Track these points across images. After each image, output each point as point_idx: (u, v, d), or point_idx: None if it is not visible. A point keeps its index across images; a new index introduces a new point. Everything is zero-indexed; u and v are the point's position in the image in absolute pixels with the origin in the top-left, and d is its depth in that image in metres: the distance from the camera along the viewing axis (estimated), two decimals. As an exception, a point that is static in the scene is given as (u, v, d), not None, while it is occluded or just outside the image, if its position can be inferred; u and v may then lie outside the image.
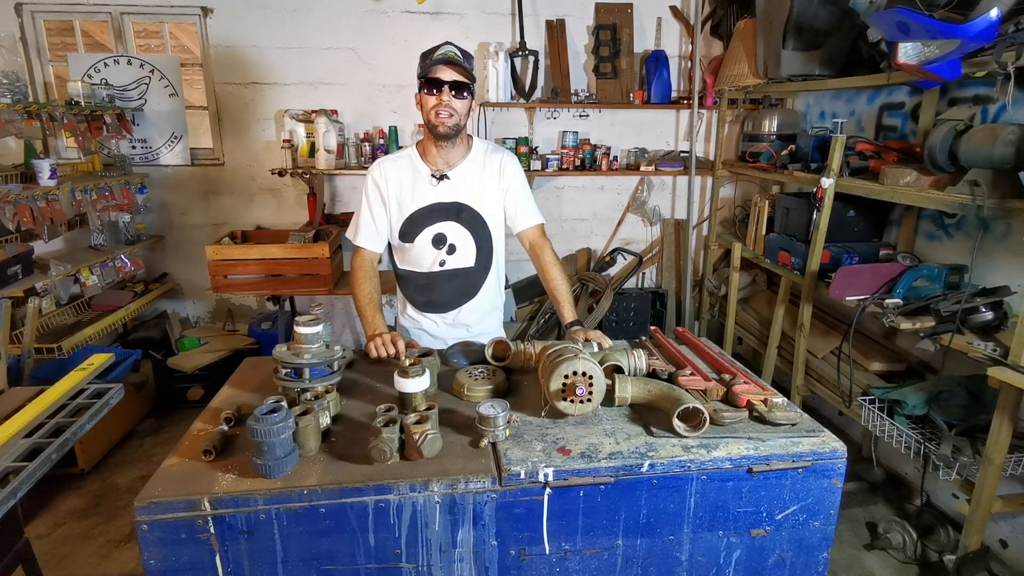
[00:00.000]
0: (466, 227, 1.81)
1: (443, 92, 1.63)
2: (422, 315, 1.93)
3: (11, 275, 2.69)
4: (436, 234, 1.80)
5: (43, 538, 2.43)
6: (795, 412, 1.32)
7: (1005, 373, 1.77)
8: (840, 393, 2.56)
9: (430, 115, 1.67)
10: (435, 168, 1.78)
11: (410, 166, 1.80)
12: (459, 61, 1.63)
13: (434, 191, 1.78)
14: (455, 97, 1.65)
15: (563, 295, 1.82)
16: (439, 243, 1.81)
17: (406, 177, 1.79)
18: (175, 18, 3.60)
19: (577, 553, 1.20)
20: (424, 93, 1.67)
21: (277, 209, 3.90)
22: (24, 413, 1.47)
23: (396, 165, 1.81)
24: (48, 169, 2.85)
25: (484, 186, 1.81)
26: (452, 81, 1.63)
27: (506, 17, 3.72)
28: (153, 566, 1.08)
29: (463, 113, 1.69)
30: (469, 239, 1.82)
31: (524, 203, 1.87)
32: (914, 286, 2.28)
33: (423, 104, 1.68)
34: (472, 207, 1.80)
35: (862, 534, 2.46)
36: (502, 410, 1.23)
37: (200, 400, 3.44)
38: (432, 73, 1.63)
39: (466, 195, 1.79)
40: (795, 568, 1.29)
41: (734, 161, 3.73)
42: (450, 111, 1.65)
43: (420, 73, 1.66)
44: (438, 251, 1.82)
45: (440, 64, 1.62)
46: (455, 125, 1.68)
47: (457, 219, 1.80)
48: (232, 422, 1.30)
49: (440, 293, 1.88)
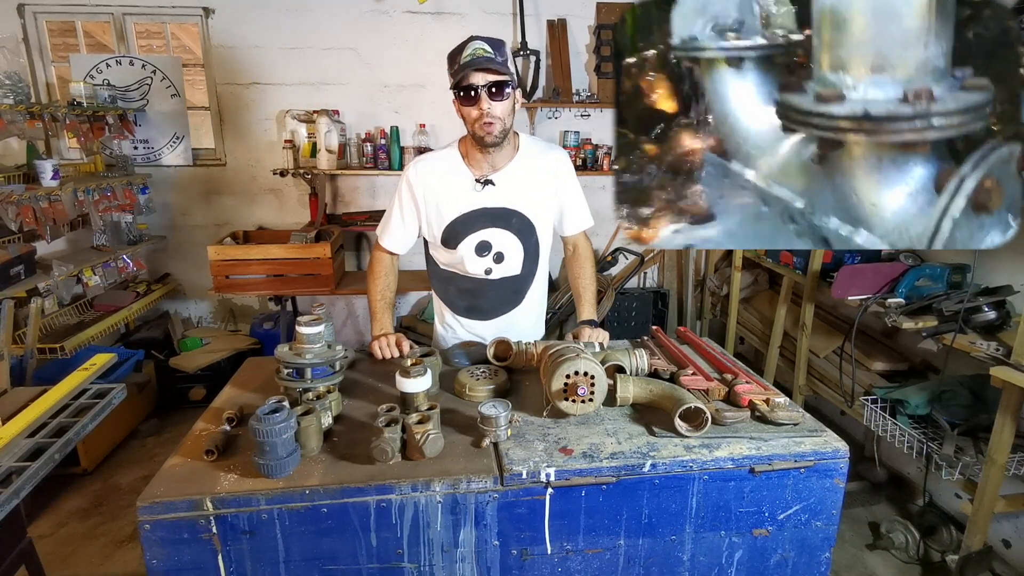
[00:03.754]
0: (515, 234, 1.68)
1: (481, 100, 1.48)
2: (460, 321, 1.82)
3: (14, 275, 2.69)
4: (480, 241, 1.67)
5: (46, 538, 2.43)
6: (797, 412, 1.32)
7: (1008, 373, 1.77)
8: (842, 393, 2.55)
9: (474, 127, 1.53)
10: (479, 173, 1.64)
11: (451, 169, 1.65)
12: (490, 59, 1.45)
13: (478, 196, 1.64)
14: (494, 100, 1.48)
15: (586, 292, 1.82)
16: (483, 250, 1.68)
17: (446, 180, 1.65)
18: (177, 19, 3.61)
19: (579, 553, 1.20)
20: (461, 103, 1.52)
21: (279, 209, 3.90)
22: (27, 413, 1.47)
23: (435, 167, 1.66)
24: (50, 170, 2.86)
25: (535, 189, 1.68)
26: (488, 84, 1.47)
27: (507, 17, 3.72)
28: (155, 566, 1.08)
29: (507, 116, 1.53)
30: (518, 246, 1.70)
31: (578, 205, 1.78)
32: (916, 285, 2.28)
33: (463, 114, 1.54)
34: (522, 213, 1.67)
35: (864, 534, 2.46)
36: (504, 410, 1.23)
37: (202, 400, 3.45)
38: (465, 81, 1.47)
39: (515, 200, 1.66)
40: (797, 568, 1.29)
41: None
42: (493, 118, 1.50)
43: (452, 82, 1.51)
44: (482, 258, 1.69)
45: (470, 68, 1.45)
46: (502, 132, 1.53)
47: (506, 226, 1.67)
48: (234, 422, 1.30)
49: (484, 299, 1.77)
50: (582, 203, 1.80)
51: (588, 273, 1.83)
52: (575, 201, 1.78)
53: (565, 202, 1.76)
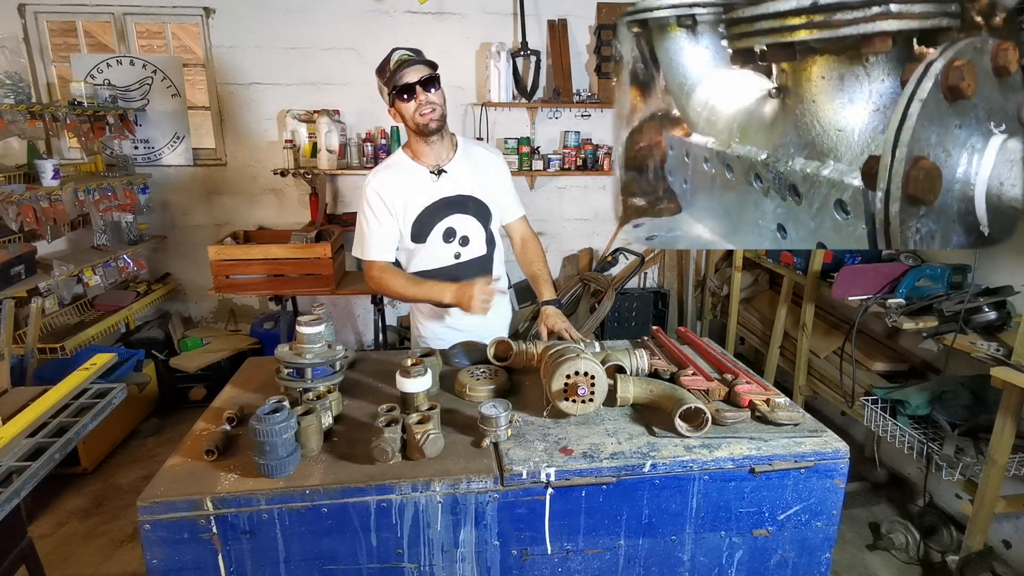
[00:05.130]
0: (475, 216, 1.83)
1: (418, 93, 1.65)
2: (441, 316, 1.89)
3: (14, 275, 2.70)
4: (447, 228, 1.81)
5: (46, 538, 2.43)
6: (797, 412, 1.31)
7: (1008, 373, 1.77)
8: (842, 393, 2.55)
9: (415, 118, 1.68)
10: (431, 164, 1.79)
11: (406, 169, 1.80)
12: (417, 59, 1.65)
13: (436, 187, 1.79)
14: (429, 92, 1.66)
15: (541, 274, 1.92)
16: (450, 236, 1.82)
17: (406, 179, 1.79)
18: (177, 18, 3.61)
19: (579, 553, 1.20)
20: (400, 102, 1.68)
21: (279, 209, 3.90)
22: (27, 413, 1.47)
23: (393, 171, 1.81)
24: (51, 169, 2.86)
25: (480, 176, 1.84)
26: (422, 79, 1.64)
27: (508, 17, 3.72)
28: (156, 566, 1.08)
29: (443, 103, 1.71)
30: (479, 227, 1.84)
31: (511, 195, 1.94)
32: (917, 286, 2.28)
33: (403, 113, 1.70)
34: (476, 197, 1.82)
35: (865, 534, 2.46)
36: (504, 410, 1.23)
37: (202, 400, 3.45)
38: (400, 80, 1.63)
39: (468, 187, 1.81)
40: (797, 568, 1.29)
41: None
42: (431, 105, 1.67)
43: (388, 87, 1.67)
44: (450, 244, 1.83)
45: (402, 69, 1.63)
46: (442, 116, 1.70)
47: (466, 211, 1.82)
48: (234, 422, 1.30)
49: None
50: (514, 192, 1.96)
51: (540, 256, 1.97)
52: (508, 190, 1.94)
53: (502, 189, 1.91)
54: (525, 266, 1.98)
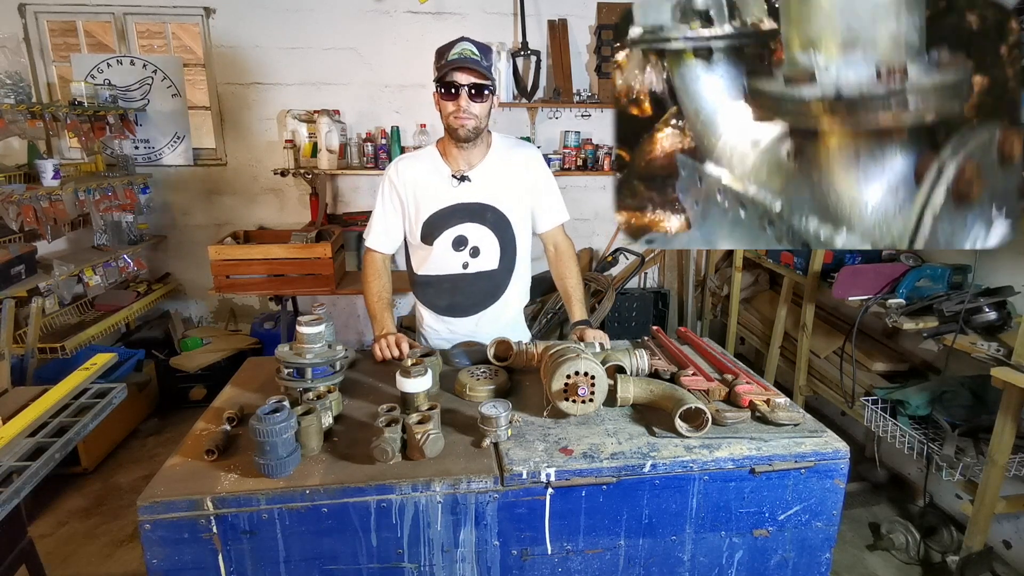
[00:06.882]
0: (491, 228, 1.73)
1: (460, 97, 1.55)
2: (442, 320, 1.85)
3: (15, 275, 2.70)
4: (457, 236, 1.72)
5: (46, 537, 2.43)
6: (798, 412, 1.31)
7: (1009, 373, 1.77)
8: (843, 393, 2.55)
9: (449, 119, 1.60)
10: (456, 169, 1.70)
11: (430, 166, 1.72)
12: (476, 61, 1.53)
13: (455, 192, 1.70)
14: (474, 101, 1.56)
15: (575, 292, 1.82)
16: (460, 245, 1.73)
17: (425, 177, 1.71)
18: (177, 18, 3.61)
19: (579, 553, 1.20)
20: (441, 97, 1.59)
21: (279, 209, 3.90)
22: (27, 413, 1.47)
23: (415, 165, 1.73)
24: (51, 169, 2.86)
25: (509, 184, 1.73)
26: (470, 85, 1.54)
27: (508, 17, 3.72)
28: (156, 566, 1.08)
29: (483, 116, 1.61)
30: (493, 240, 1.74)
31: (551, 200, 1.81)
32: (917, 286, 2.28)
33: (441, 107, 1.61)
34: (497, 208, 1.72)
35: (865, 535, 2.45)
36: (504, 410, 1.23)
37: (203, 400, 3.44)
38: (448, 77, 1.54)
39: (490, 195, 1.71)
40: (798, 568, 1.29)
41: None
42: (469, 115, 1.57)
43: (436, 75, 1.57)
44: (459, 252, 1.75)
45: (456, 66, 1.53)
46: (475, 129, 1.60)
47: (482, 221, 1.72)
48: (235, 422, 1.30)
49: (463, 296, 1.80)
50: (557, 197, 1.83)
51: (574, 272, 1.84)
52: (549, 195, 1.81)
53: (539, 195, 1.80)
54: (557, 279, 1.87)
